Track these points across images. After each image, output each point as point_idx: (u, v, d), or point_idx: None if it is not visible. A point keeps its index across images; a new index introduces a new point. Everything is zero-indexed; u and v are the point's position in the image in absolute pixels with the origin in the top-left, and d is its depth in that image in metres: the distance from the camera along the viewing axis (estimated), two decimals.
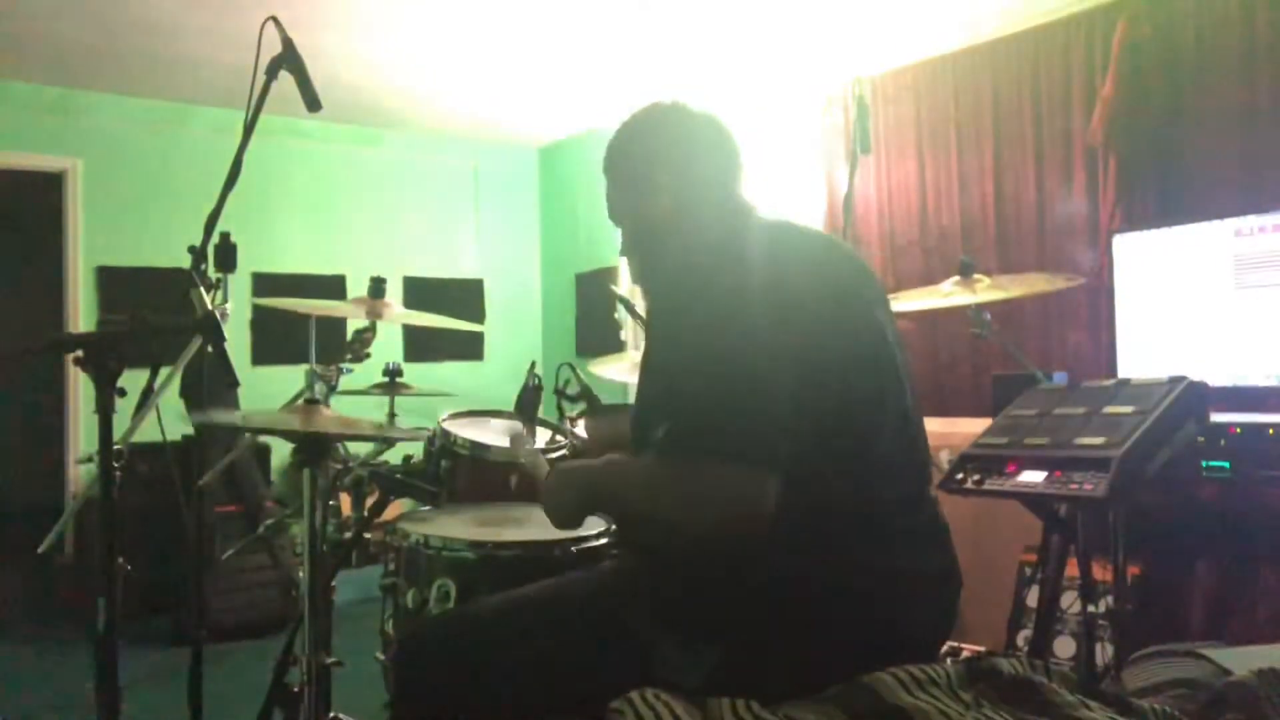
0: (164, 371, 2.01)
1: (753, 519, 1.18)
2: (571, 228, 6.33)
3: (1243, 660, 1.53)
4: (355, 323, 2.72)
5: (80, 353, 1.50)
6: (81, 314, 5.05)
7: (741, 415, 1.20)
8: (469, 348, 6.15)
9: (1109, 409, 1.90)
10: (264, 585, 4.05)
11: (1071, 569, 2.31)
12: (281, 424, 1.95)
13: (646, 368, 1.46)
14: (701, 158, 1.53)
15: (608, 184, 1.62)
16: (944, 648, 1.45)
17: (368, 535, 2.24)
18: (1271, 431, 2.28)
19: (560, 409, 2.49)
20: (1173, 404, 1.84)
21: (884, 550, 1.32)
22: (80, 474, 4.93)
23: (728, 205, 1.52)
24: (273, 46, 1.97)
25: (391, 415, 3.01)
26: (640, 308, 2.59)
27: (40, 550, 2.13)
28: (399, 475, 2.16)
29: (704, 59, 4.52)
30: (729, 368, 1.22)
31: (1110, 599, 2.29)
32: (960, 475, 1.96)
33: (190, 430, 3.35)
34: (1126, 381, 2.02)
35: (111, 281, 5.10)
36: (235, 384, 1.65)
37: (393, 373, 3.04)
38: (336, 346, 2.51)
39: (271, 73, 1.97)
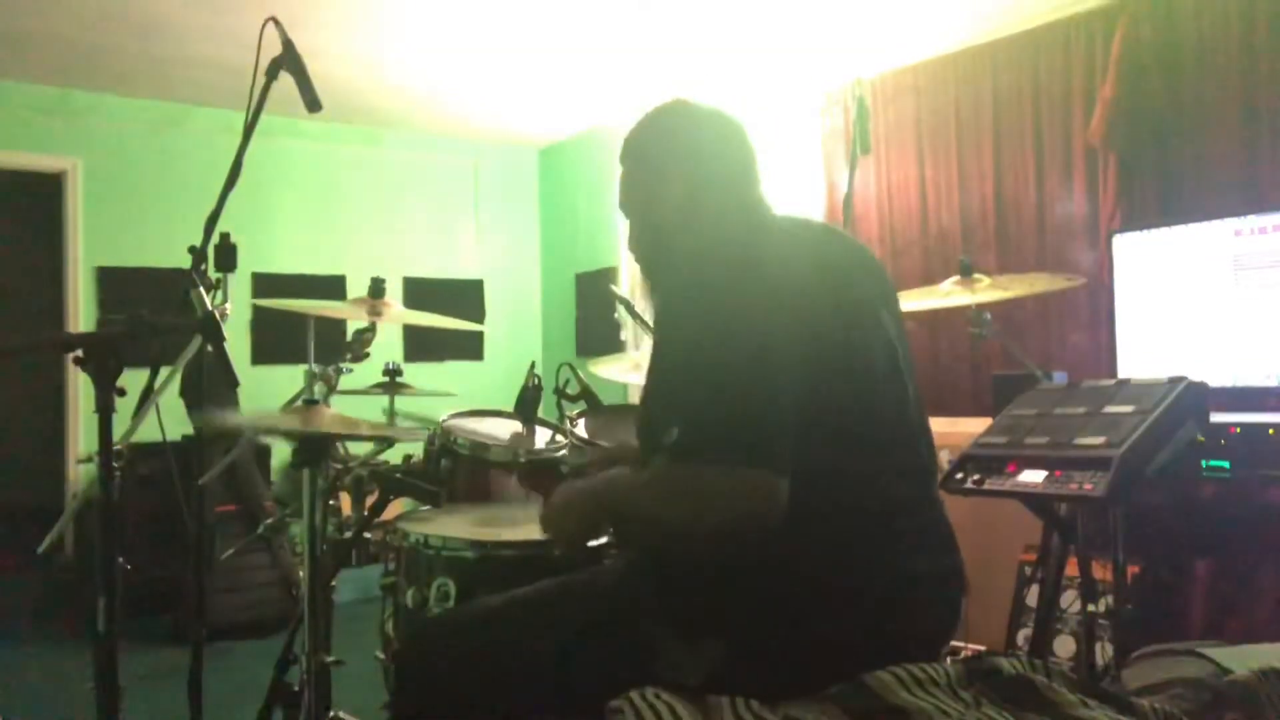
0: (164, 371, 2.01)
1: (764, 521, 1.19)
2: (571, 228, 6.33)
3: (1243, 660, 1.53)
4: (355, 323, 2.72)
5: (80, 353, 1.50)
6: (81, 314, 5.05)
7: (749, 418, 1.20)
8: (469, 348, 6.15)
9: (1109, 409, 1.90)
10: (264, 585, 4.05)
11: (1071, 568, 2.31)
12: (283, 424, 1.95)
13: (653, 369, 1.44)
14: (716, 156, 1.51)
15: (621, 174, 1.60)
16: (944, 647, 1.44)
17: (368, 535, 2.24)
18: (1271, 431, 2.27)
19: (560, 409, 2.49)
20: (1173, 404, 1.84)
21: (889, 550, 1.32)
22: (80, 474, 4.92)
23: (740, 204, 1.50)
24: (273, 47, 1.97)
25: (391, 415, 3.01)
26: (641, 308, 2.59)
27: (40, 550, 2.13)
28: (399, 475, 2.16)
29: (704, 59, 4.52)
30: (735, 372, 1.23)
31: (1110, 599, 2.29)
32: (960, 475, 1.96)
33: (190, 430, 3.35)
34: (1126, 381, 2.02)
35: (111, 281, 5.10)
36: (235, 384, 1.65)
37: (393, 372, 3.05)
38: (336, 346, 2.51)
39: (271, 73, 1.97)
